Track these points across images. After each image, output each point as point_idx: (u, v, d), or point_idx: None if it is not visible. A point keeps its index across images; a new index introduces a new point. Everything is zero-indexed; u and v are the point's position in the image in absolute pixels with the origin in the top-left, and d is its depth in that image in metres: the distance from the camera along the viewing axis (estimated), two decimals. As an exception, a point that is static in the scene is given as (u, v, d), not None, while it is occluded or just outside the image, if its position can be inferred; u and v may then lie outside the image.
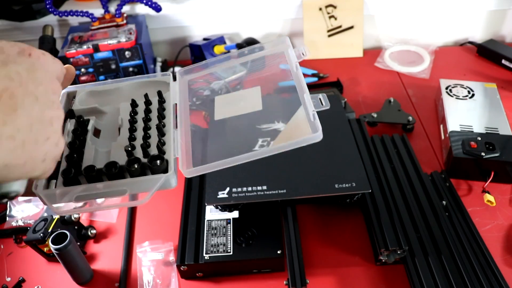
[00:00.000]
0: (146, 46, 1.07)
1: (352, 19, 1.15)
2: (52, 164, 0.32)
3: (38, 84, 0.30)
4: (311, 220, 0.74)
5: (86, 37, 1.02)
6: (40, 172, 0.31)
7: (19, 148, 0.28)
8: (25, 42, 1.10)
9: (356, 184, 0.66)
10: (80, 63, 1.00)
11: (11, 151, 0.27)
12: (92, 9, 1.10)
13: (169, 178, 0.37)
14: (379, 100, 1.00)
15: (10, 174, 0.29)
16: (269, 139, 0.75)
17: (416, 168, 0.78)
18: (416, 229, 0.67)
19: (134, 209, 0.79)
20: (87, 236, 0.74)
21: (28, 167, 0.29)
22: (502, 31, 1.23)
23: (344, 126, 0.77)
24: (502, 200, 0.76)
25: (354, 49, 1.18)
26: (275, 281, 0.66)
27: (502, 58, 1.10)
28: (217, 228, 0.68)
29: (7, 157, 0.27)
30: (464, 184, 0.80)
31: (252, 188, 0.67)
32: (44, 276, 0.70)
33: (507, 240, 0.70)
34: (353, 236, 0.72)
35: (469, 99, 0.90)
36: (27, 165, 0.29)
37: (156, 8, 1.06)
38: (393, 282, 0.65)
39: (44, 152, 0.30)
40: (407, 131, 0.92)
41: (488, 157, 0.75)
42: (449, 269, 0.62)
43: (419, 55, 1.17)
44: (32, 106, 0.29)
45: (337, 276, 0.66)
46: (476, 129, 0.82)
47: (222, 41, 1.13)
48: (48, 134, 0.30)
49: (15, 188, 0.32)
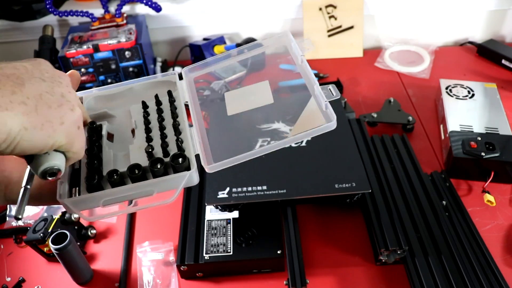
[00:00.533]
0: (146, 46, 1.07)
1: (352, 19, 1.15)
2: (73, 130, 0.34)
3: (44, 72, 0.34)
4: (311, 220, 0.74)
5: (86, 37, 1.02)
6: (64, 138, 0.33)
7: (33, 111, 0.31)
8: (25, 42, 1.10)
9: (356, 184, 0.66)
10: (80, 63, 1.00)
11: (25, 114, 0.30)
12: (92, 9, 1.10)
13: (192, 174, 0.38)
14: (379, 100, 1.00)
15: (33, 138, 0.31)
16: (269, 139, 0.76)
17: (416, 168, 0.78)
18: (416, 229, 0.67)
19: (134, 209, 0.79)
20: (87, 236, 0.74)
21: (47, 129, 0.32)
22: (502, 31, 1.23)
23: (344, 126, 0.77)
24: (502, 200, 0.76)
25: (354, 49, 1.18)
26: (275, 281, 0.66)
27: (502, 58, 1.09)
28: (217, 228, 0.68)
29: (23, 119, 0.30)
30: (464, 184, 0.80)
31: (252, 188, 0.67)
32: (44, 276, 0.70)
33: (507, 240, 0.70)
34: (353, 236, 0.72)
35: (469, 99, 0.90)
36: (45, 127, 0.32)
37: (156, 8, 1.06)
38: (393, 282, 0.65)
39: (60, 115, 0.33)
40: (407, 131, 0.92)
41: (488, 157, 0.75)
42: (449, 269, 0.62)
43: (419, 55, 1.17)
44: (39, 83, 0.33)
45: (337, 276, 0.66)
46: (476, 129, 0.82)
47: (222, 41, 1.13)
48: (61, 102, 0.33)
49: (57, 162, 0.33)
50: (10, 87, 0.30)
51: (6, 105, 0.29)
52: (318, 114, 0.40)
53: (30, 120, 0.31)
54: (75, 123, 0.35)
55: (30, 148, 0.32)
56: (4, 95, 0.30)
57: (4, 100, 0.29)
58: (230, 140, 0.44)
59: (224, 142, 0.60)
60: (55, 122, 0.32)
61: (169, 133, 0.42)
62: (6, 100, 0.30)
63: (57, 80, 0.35)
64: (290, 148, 0.73)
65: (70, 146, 0.35)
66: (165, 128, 0.42)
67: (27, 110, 0.31)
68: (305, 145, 0.73)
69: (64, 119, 0.33)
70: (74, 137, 0.35)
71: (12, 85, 0.31)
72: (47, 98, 0.32)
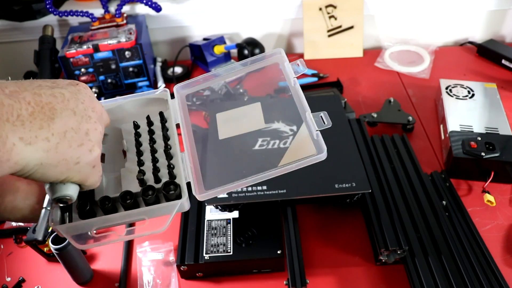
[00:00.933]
0: (146, 46, 1.07)
1: (352, 19, 1.15)
2: (88, 169, 0.35)
3: (79, 102, 0.34)
4: (311, 220, 0.74)
5: (86, 37, 1.02)
6: (77, 176, 0.34)
7: (52, 149, 0.31)
8: (25, 42, 1.10)
9: (356, 184, 0.66)
10: (80, 63, 1.00)
11: (45, 151, 0.31)
12: (92, 9, 1.10)
13: (183, 203, 0.38)
14: (379, 100, 1.00)
15: (46, 173, 0.32)
16: (269, 139, 0.76)
17: (416, 168, 0.78)
18: (416, 229, 0.67)
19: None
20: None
21: (61, 167, 0.33)
22: (502, 31, 1.23)
23: (344, 126, 0.77)
24: (502, 200, 0.76)
25: (354, 49, 1.18)
26: (275, 281, 0.66)
27: (502, 58, 1.09)
28: (217, 228, 0.68)
29: (42, 156, 0.31)
30: (464, 184, 0.80)
31: (252, 188, 0.67)
32: (44, 276, 0.70)
33: (507, 240, 0.70)
34: (353, 236, 0.72)
35: (469, 99, 0.90)
36: (60, 165, 0.33)
37: (156, 8, 1.06)
38: (393, 282, 0.65)
39: (77, 156, 0.34)
40: (407, 131, 0.92)
41: (488, 157, 0.75)
42: (449, 269, 0.62)
43: (419, 55, 1.17)
44: (69, 117, 0.33)
45: (337, 276, 0.66)
46: (476, 129, 0.82)
47: (222, 41, 1.13)
48: (82, 141, 0.34)
49: (69, 192, 0.35)
50: (39, 121, 0.31)
51: (31, 139, 0.30)
52: (309, 143, 0.41)
53: (48, 157, 0.31)
54: (91, 164, 0.35)
55: (42, 179, 0.33)
56: (32, 130, 0.30)
57: (30, 135, 0.30)
58: (223, 164, 0.44)
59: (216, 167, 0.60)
60: (70, 161, 0.33)
61: (160, 157, 0.42)
62: (32, 135, 0.30)
63: (87, 114, 0.35)
64: (290, 148, 0.73)
65: (83, 181, 0.36)
66: (156, 151, 0.42)
67: (48, 147, 0.31)
68: (305, 145, 0.73)
69: (80, 160, 0.34)
70: (88, 175, 0.36)
71: (42, 119, 0.31)
72: (70, 136, 0.33)
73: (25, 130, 0.30)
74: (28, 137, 0.30)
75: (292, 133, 0.76)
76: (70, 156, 0.33)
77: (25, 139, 0.30)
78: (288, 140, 0.60)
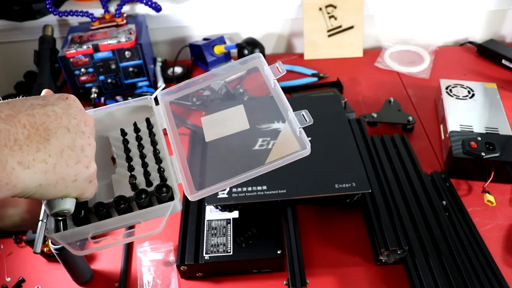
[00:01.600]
0: (146, 46, 1.07)
1: (352, 19, 1.15)
2: (84, 185, 0.36)
3: (72, 118, 0.35)
4: (311, 220, 0.74)
5: (86, 37, 1.02)
6: (75, 192, 0.35)
7: (50, 170, 0.32)
8: (25, 42, 1.10)
9: (356, 184, 0.66)
10: (80, 63, 1.00)
11: (43, 173, 0.31)
12: (92, 9, 1.10)
13: (176, 203, 0.40)
14: (379, 100, 1.00)
15: (45, 193, 0.33)
16: (268, 139, 0.76)
17: (416, 168, 0.78)
18: (416, 229, 0.67)
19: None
20: (87, 236, 0.74)
21: (60, 186, 0.33)
22: (502, 31, 1.23)
23: (344, 126, 0.77)
24: (502, 200, 0.76)
25: (354, 49, 1.18)
26: (275, 281, 0.66)
27: (502, 58, 1.09)
28: (217, 228, 0.68)
29: (41, 178, 0.31)
30: (464, 184, 0.80)
31: (252, 188, 0.67)
32: (44, 276, 0.70)
33: (507, 240, 0.70)
34: (353, 236, 0.72)
35: (469, 99, 0.90)
36: (59, 184, 0.33)
37: (156, 8, 1.06)
38: (393, 282, 0.65)
39: (75, 173, 0.34)
40: (407, 131, 0.92)
41: (488, 157, 0.75)
42: (449, 269, 0.62)
43: (419, 55, 1.17)
44: (63, 136, 0.33)
45: (337, 276, 0.66)
46: (476, 129, 0.82)
47: (222, 41, 1.13)
48: (79, 158, 0.34)
49: (66, 206, 0.36)
50: (36, 143, 0.31)
51: (29, 163, 0.30)
52: (292, 140, 0.43)
53: (46, 178, 0.32)
54: (88, 179, 0.36)
55: (40, 198, 0.33)
56: (30, 153, 0.30)
57: (28, 158, 0.30)
58: (212, 165, 0.46)
59: (205, 168, 0.60)
60: (68, 179, 0.34)
61: (150, 161, 0.43)
62: (30, 158, 0.30)
63: (81, 130, 0.35)
64: (290, 148, 0.73)
65: (81, 196, 0.36)
66: (145, 156, 0.43)
67: (46, 168, 0.32)
68: (305, 145, 0.73)
69: (78, 177, 0.34)
70: (85, 189, 0.36)
71: (39, 141, 0.31)
72: (67, 155, 0.33)
73: (23, 154, 0.30)
74: (26, 161, 0.30)
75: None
76: (67, 175, 0.33)
77: (23, 163, 0.30)
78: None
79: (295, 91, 1.06)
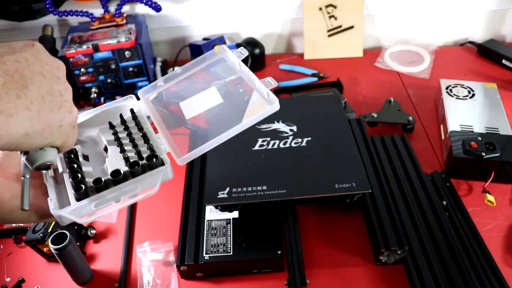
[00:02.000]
0: (146, 46, 1.07)
1: (352, 19, 1.15)
2: (69, 130, 0.36)
3: (44, 64, 0.34)
4: (311, 220, 0.74)
5: (86, 37, 1.02)
6: (60, 138, 0.35)
7: (35, 117, 0.31)
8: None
9: (356, 184, 0.66)
10: (80, 63, 1.00)
11: (28, 120, 0.31)
12: (92, 9, 1.10)
13: (167, 169, 0.43)
14: (379, 100, 1.00)
15: (32, 141, 0.32)
16: (268, 139, 0.75)
17: (416, 168, 0.78)
18: (416, 229, 0.67)
19: (134, 209, 0.79)
20: (87, 236, 0.74)
21: (46, 133, 0.33)
22: (502, 31, 1.23)
23: (344, 126, 0.77)
24: (502, 200, 0.76)
25: (354, 49, 1.18)
26: (275, 281, 0.66)
27: (503, 58, 1.09)
28: (217, 228, 0.68)
29: (26, 126, 0.31)
30: (465, 184, 0.80)
31: (252, 188, 0.67)
32: (44, 276, 0.70)
33: (508, 240, 0.70)
34: (353, 236, 0.72)
35: (470, 99, 0.90)
36: (45, 131, 0.33)
37: (156, 8, 1.06)
38: (393, 282, 0.65)
39: (59, 119, 0.34)
40: (407, 131, 0.92)
41: (488, 157, 0.75)
42: (450, 269, 0.62)
43: (419, 55, 1.17)
44: (40, 82, 0.32)
45: (337, 276, 0.66)
46: (477, 129, 0.82)
47: (222, 41, 1.13)
48: (60, 103, 0.34)
49: (49, 158, 0.36)
50: (15, 90, 0.30)
51: (11, 111, 0.29)
52: (262, 101, 0.48)
53: (32, 125, 0.31)
54: (72, 124, 0.36)
55: (27, 149, 0.33)
56: (10, 100, 0.30)
57: (9, 106, 0.29)
58: (193, 135, 0.49)
59: (188, 138, 0.63)
60: (53, 125, 0.33)
61: (139, 141, 0.47)
62: (12, 106, 0.30)
63: (55, 75, 0.34)
64: (290, 148, 0.73)
65: (64, 143, 0.36)
66: (134, 139, 0.47)
67: (30, 115, 0.31)
68: (305, 145, 0.73)
69: (62, 122, 0.34)
70: (69, 136, 0.36)
71: (17, 88, 0.30)
72: (48, 100, 0.33)
73: (3, 102, 0.29)
74: (8, 109, 0.29)
75: (292, 133, 0.76)
76: (53, 120, 0.33)
77: (5, 111, 0.29)
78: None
79: (295, 91, 1.06)
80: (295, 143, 0.74)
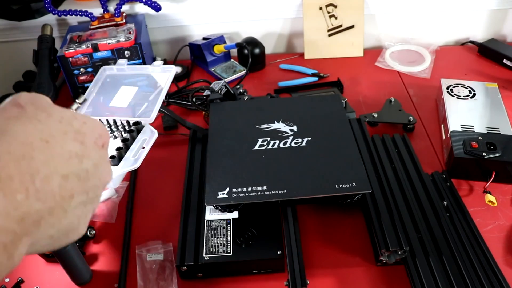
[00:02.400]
0: (146, 46, 1.06)
1: (352, 18, 1.15)
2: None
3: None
4: (311, 220, 0.74)
5: (85, 37, 1.02)
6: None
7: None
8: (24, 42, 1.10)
9: (356, 184, 0.66)
10: (79, 62, 1.00)
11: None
12: (91, 8, 1.10)
13: (151, 128, 0.63)
14: (380, 100, 0.99)
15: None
16: (268, 139, 0.75)
17: (417, 168, 0.77)
18: (417, 230, 0.67)
19: (134, 209, 0.79)
20: (86, 237, 0.73)
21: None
22: (503, 31, 1.23)
23: (344, 126, 0.77)
24: (503, 201, 0.76)
25: (354, 49, 1.18)
26: (275, 281, 0.66)
27: (504, 57, 1.09)
28: (217, 228, 0.68)
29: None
30: (465, 184, 0.80)
31: (252, 188, 0.67)
32: (43, 277, 0.69)
33: (508, 241, 0.69)
34: (353, 237, 0.71)
35: (470, 99, 0.90)
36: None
37: (155, 8, 1.06)
38: (394, 282, 0.65)
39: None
40: (408, 131, 0.92)
41: (489, 157, 0.75)
42: (450, 269, 0.61)
43: (420, 54, 1.17)
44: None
45: (337, 276, 0.66)
46: (477, 129, 0.81)
47: (222, 40, 1.13)
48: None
49: None
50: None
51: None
52: None
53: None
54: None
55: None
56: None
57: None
58: None
59: None
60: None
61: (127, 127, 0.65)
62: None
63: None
64: (290, 148, 0.73)
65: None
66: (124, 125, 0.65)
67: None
68: (305, 145, 0.73)
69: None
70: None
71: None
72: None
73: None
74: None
75: (292, 133, 0.76)
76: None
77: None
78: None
79: (295, 91, 1.05)
80: (295, 143, 0.73)
